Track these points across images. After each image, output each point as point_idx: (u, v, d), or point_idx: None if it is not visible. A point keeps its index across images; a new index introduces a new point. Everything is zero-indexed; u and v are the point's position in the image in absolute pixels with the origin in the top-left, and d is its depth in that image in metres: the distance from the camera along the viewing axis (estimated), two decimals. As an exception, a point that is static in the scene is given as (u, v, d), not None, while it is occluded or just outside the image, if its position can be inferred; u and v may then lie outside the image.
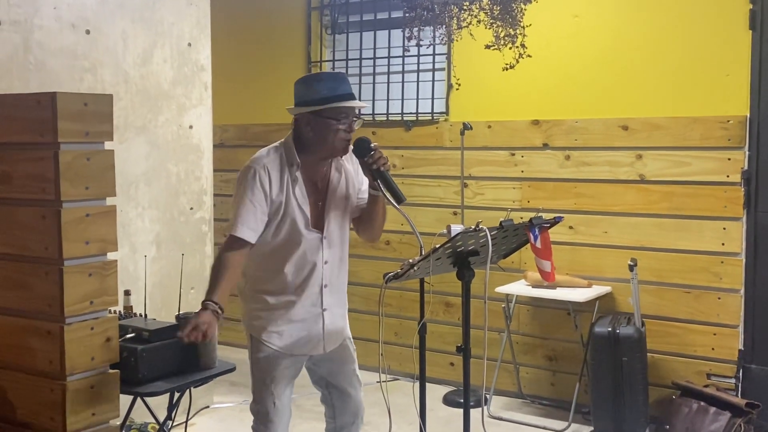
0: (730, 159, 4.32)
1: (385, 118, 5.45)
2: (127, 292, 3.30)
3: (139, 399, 3.10)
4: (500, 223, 2.74)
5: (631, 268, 4.24)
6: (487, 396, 4.78)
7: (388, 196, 2.83)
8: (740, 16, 4.25)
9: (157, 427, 3.50)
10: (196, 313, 2.65)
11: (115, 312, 2.97)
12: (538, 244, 2.84)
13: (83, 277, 2.42)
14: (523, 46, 4.30)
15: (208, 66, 4.63)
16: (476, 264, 2.82)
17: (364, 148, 2.82)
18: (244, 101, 5.95)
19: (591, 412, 4.38)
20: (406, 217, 2.83)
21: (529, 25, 4.29)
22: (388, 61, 5.48)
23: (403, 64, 5.39)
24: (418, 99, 5.33)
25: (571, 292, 4.51)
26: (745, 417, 4.06)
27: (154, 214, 4.34)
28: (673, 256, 4.49)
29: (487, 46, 4.31)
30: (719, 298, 4.38)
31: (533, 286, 4.62)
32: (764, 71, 4.23)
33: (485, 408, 4.69)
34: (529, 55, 4.33)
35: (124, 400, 2.77)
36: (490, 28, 4.27)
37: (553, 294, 4.52)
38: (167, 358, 2.95)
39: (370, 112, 5.49)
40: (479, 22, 4.28)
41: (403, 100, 5.40)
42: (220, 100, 5.05)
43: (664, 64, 4.48)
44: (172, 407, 3.15)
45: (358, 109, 2.94)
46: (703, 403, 4.19)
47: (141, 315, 3.24)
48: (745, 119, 4.27)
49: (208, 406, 4.75)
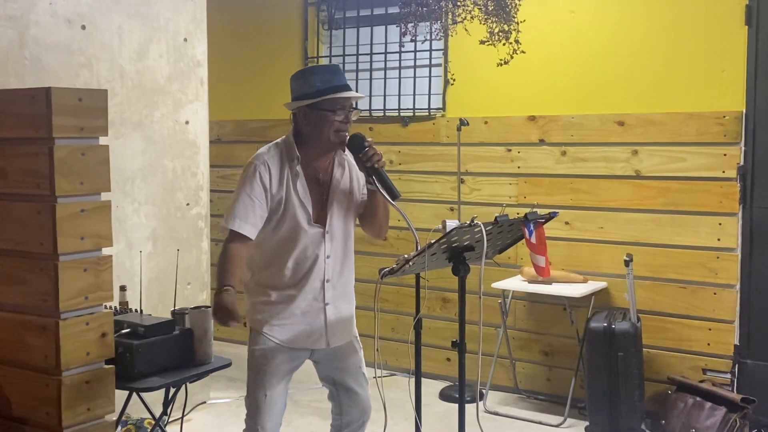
0: (725, 155, 4.32)
1: (382, 114, 5.45)
2: (123, 288, 3.30)
3: (134, 394, 3.11)
4: (495, 219, 2.74)
5: (627, 264, 4.24)
6: (483, 391, 4.79)
7: (383, 192, 2.83)
8: (736, 12, 4.25)
9: (153, 423, 3.51)
10: (219, 296, 2.68)
11: (111, 307, 2.98)
12: (533, 240, 2.84)
13: (78, 273, 2.42)
14: (517, 41, 4.31)
15: (204, 61, 4.62)
16: (472, 259, 2.82)
17: (359, 145, 2.82)
18: (240, 97, 5.95)
19: (587, 407, 4.39)
20: (400, 212, 2.84)
21: (524, 21, 4.30)
22: (385, 57, 5.47)
23: (400, 60, 5.39)
24: (414, 95, 5.33)
25: (567, 288, 4.52)
26: (740, 412, 4.07)
27: (151, 210, 4.34)
28: (669, 252, 4.50)
29: (482, 42, 4.32)
30: (715, 294, 4.39)
31: (529, 282, 4.63)
32: (760, 67, 4.23)
33: (481, 403, 4.70)
34: (523, 51, 4.33)
35: (120, 396, 2.77)
36: (484, 24, 4.28)
37: (549, 289, 4.53)
38: (163, 354, 2.95)
39: (367, 108, 5.49)
40: (473, 17, 4.29)
41: (399, 95, 5.40)
42: (216, 96, 5.05)
43: (659, 59, 4.48)
44: (167, 403, 3.16)
45: (355, 101, 2.94)
46: (698, 398, 4.21)
47: (137, 311, 3.24)
48: (740, 115, 4.28)
49: (205, 402, 4.76)
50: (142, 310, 3.25)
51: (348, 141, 2.86)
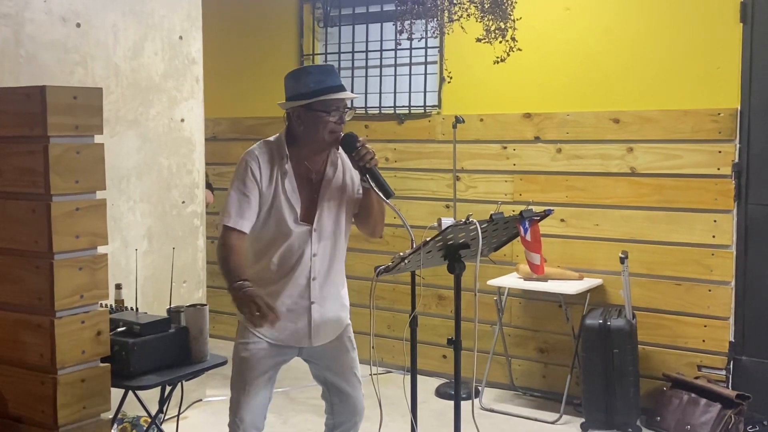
0: (720, 151, 4.33)
1: (378, 112, 5.45)
2: (119, 286, 3.30)
3: (130, 392, 3.11)
4: (490, 216, 2.74)
5: (622, 261, 4.25)
6: (479, 388, 4.79)
7: (377, 190, 2.83)
8: (731, 9, 4.26)
9: (149, 421, 3.50)
10: (240, 292, 2.65)
11: (107, 306, 2.98)
12: (528, 237, 2.85)
13: (73, 271, 2.42)
14: (513, 39, 4.32)
15: (199, 59, 4.62)
16: (467, 257, 2.82)
17: (351, 144, 2.82)
18: (236, 94, 5.94)
19: (582, 403, 4.40)
20: (395, 210, 2.84)
21: (520, 19, 4.30)
22: (381, 55, 5.47)
23: (396, 58, 5.39)
24: (410, 92, 5.33)
25: (563, 285, 4.53)
26: (735, 408, 4.09)
27: (146, 208, 4.34)
28: (664, 249, 4.51)
29: (478, 40, 4.32)
30: (710, 290, 4.40)
31: (525, 279, 4.63)
32: (755, 64, 4.24)
33: (477, 400, 4.71)
34: (520, 49, 4.33)
35: (116, 394, 2.77)
36: (480, 22, 4.28)
37: (545, 286, 4.54)
38: (158, 352, 2.95)
39: (363, 106, 5.49)
40: (470, 15, 4.29)
41: (395, 93, 5.39)
42: (212, 94, 5.04)
43: (655, 57, 4.49)
44: (163, 401, 3.16)
45: (350, 101, 2.94)
46: (693, 395, 4.22)
47: (132, 309, 3.24)
48: (735, 112, 4.28)
49: (201, 400, 4.76)
50: (137, 309, 3.25)
51: (341, 140, 2.86)
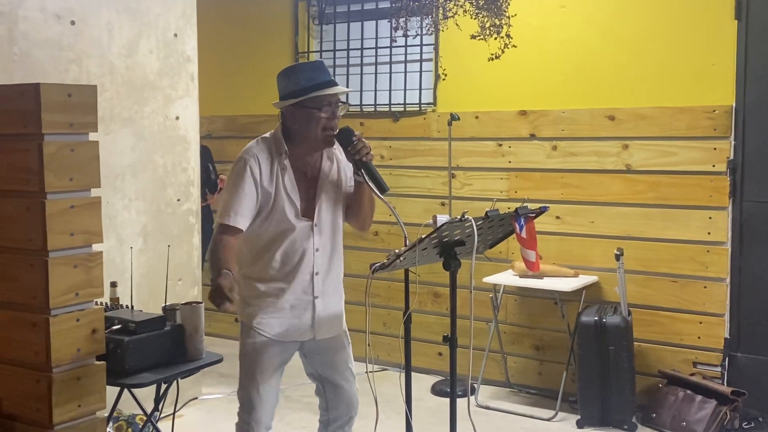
0: (715, 149, 4.34)
1: (373, 109, 5.44)
2: (114, 284, 3.29)
3: (126, 390, 3.10)
4: (486, 214, 2.74)
5: (618, 258, 4.26)
6: (475, 385, 4.80)
7: (372, 185, 2.83)
8: (726, 6, 4.27)
9: (145, 419, 3.50)
10: (217, 279, 2.65)
11: (102, 304, 2.97)
12: (524, 234, 2.85)
13: (68, 269, 2.41)
14: (508, 36, 4.32)
15: (194, 57, 4.61)
16: (462, 254, 2.82)
17: (348, 138, 2.82)
18: (231, 92, 5.93)
19: (578, 400, 4.41)
20: (388, 206, 2.83)
21: (515, 15, 4.30)
22: (376, 52, 5.47)
23: (391, 55, 5.39)
24: (405, 90, 5.33)
25: (558, 282, 4.53)
26: (730, 405, 4.10)
27: (141, 206, 4.33)
28: (660, 246, 4.51)
29: (473, 37, 4.32)
30: (705, 287, 4.41)
31: (521, 276, 4.63)
32: (750, 61, 4.25)
33: (473, 397, 4.71)
34: (515, 46, 4.33)
35: (111, 392, 2.77)
36: (475, 19, 4.28)
37: (540, 284, 4.54)
38: (154, 350, 2.94)
39: (358, 103, 5.49)
40: (465, 12, 4.29)
41: (390, 90, 5.39)
42: (207, 92, 5.04)
43: (650, 54, 4.49)
44: (159, 399, 3.15)
45: (345, 96, 2.94)
46: (689, 392, 4.23)
47: (127, 307, 3.24)
48: (730, 109, 4.29)
49: (197, 398, 4.75)
50: (132, 306, 3.24)
51: (337, 134, 2.86)
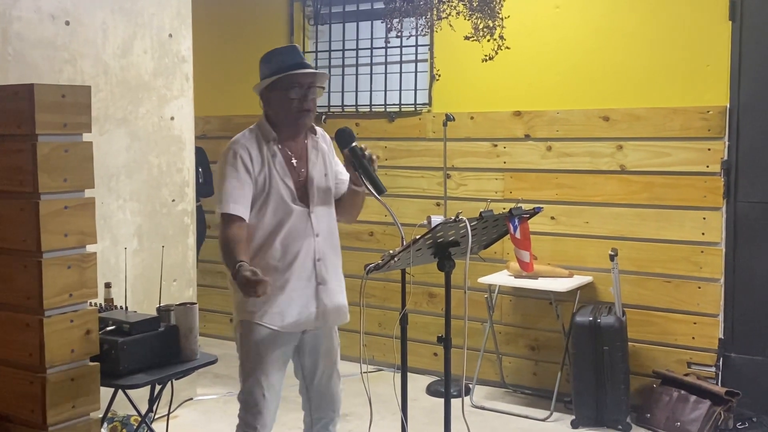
0: (710, 149, 4.35)
1: (368, 110, 5.44)
2: (108, 285, 3.29)
3: (120, 391, 3.10)
4: (480, 214, 2.75)
5: (612, 258, 4.26)
6: (470, 386, 4.80)
7: (370, 187, 2.83)
8: (720, 7, 4.27)
9: (139, 420, 3.50)
10: (237, 275, 2.56)
11: (96, 304, 2.97)
12: (518, 235, 2.85)
13: (62, 270, 2.41)
14: (501, 37, 4.32)
15: (189, 57, 4.60)
16: (457, 254, 2.83)
17: (347, 139, 2.82)
18: (226, 93, 5.92)
19: (573, 401, 4.41)
20: (387, 208, 2.84)
21: (508, 17, 4.30)
22: (371, 53, 5.47)
23: (386, 56, 5.38)
24: (401, 90, 5.33)
25: (553, 282, 4.54)
26: (724, 405, 4.10)
27: (136, 207, 4.33)
28: (654, 246, 4.52)
29: (466, 38, 4.32)
30: (699, 288, 4.42)
31: (515, 277, 4.64)
32: (744, 62, 4.26)
33: (468, 398, 4.71)
34: (508, 47, 4.34)
35: (105, 393, 2.76)
36: (469, 20, 4.28)
37: (535, 284, 4.54)
38: (148, 351, 2.94)
39: (353, 104, 5.49)
40: (458, 13, 4.29)
41: (385, 91, 5.39)
42: (202, 92, 5.03)
43: (644, 54, 4.50)
44: (153, 400, 3.15)
45: (317, 79, 2.91)
46: (683, 392, 4.24)
47: (122, 307, 3.23)
48: (724, 110, 4.30)
49: (191, 398, 4.75)
50: (127, 307, 3.24)
51: (336, 134, 2.86)
